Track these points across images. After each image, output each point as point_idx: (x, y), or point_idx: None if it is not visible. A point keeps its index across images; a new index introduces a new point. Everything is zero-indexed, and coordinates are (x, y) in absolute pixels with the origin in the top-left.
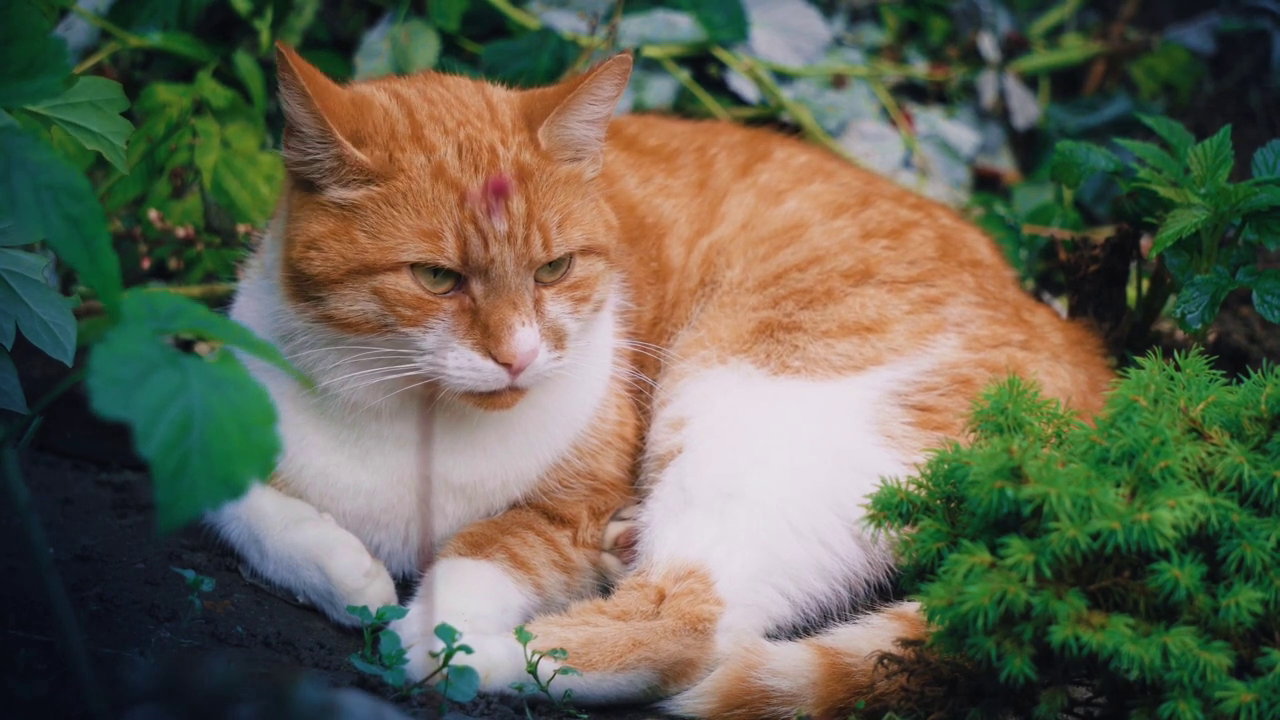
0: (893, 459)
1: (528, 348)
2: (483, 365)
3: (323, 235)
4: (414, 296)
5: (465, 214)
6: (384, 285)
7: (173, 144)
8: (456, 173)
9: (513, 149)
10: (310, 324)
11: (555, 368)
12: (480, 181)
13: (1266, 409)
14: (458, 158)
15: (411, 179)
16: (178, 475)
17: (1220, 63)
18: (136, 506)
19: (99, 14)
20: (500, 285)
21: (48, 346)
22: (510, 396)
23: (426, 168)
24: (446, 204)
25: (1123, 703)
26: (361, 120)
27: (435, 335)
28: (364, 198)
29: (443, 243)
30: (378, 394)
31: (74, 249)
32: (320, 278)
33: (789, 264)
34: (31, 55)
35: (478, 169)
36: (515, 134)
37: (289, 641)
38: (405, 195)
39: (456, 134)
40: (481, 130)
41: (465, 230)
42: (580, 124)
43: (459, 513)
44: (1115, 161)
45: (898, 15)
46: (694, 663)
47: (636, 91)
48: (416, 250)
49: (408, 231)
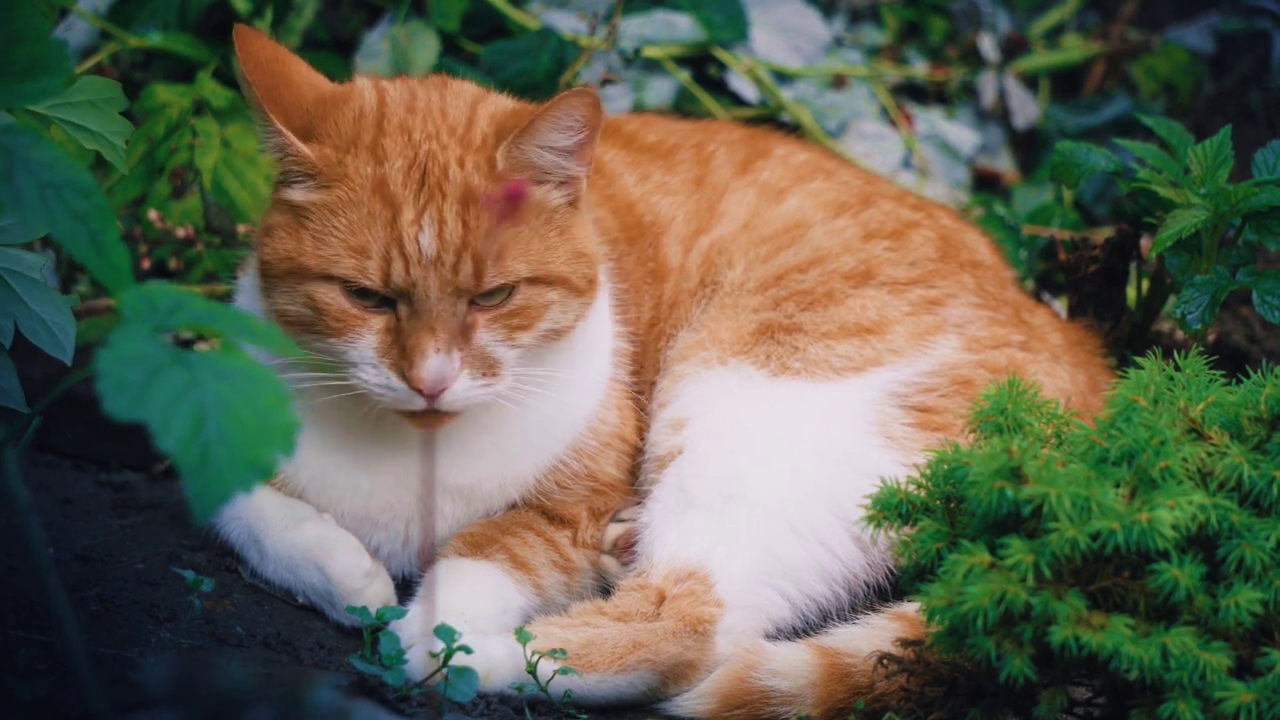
0: (893, 460)
1: (436, 375)
2: (398, 386)
3: (276, 226)
4: (340, 310)
5: (393, 235)
6: (315, 292)
7: (173, 144)
8: (395, 189)
9: (466, 169)
10: (267, 317)
11: (484, 394)
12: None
13: (1266, 409)
14: (404, 173)
15: (353, 189)
16: (202, 465)
17: (1220, 63)
18: (136, 506)
19: (99, 14)
20: (422, 309)
21: (46, 345)
22: (435, 418)
23: (369, 180)
24: (379, 221)
25: (1122, 703)
26: (323, 117)
27: (358, 350)
28: (307, 201)
29: (368, 263)
30: (324, 394)
31: (81, 245)
32: (267, 269)
33: (790, 265)
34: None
35: (422, 188)
36: (479, 153)
37: (289, 642)
38: (345, 205)
39: (417, 148)
40: (445, 146)
41: (390, 252)
42: (541, 150)
43: (457, 514)
44: (1115, 162)
45: (898, 15)
46: (694, 664)
47: (636, 92)
48: (343, 266)
49: (339, 245)
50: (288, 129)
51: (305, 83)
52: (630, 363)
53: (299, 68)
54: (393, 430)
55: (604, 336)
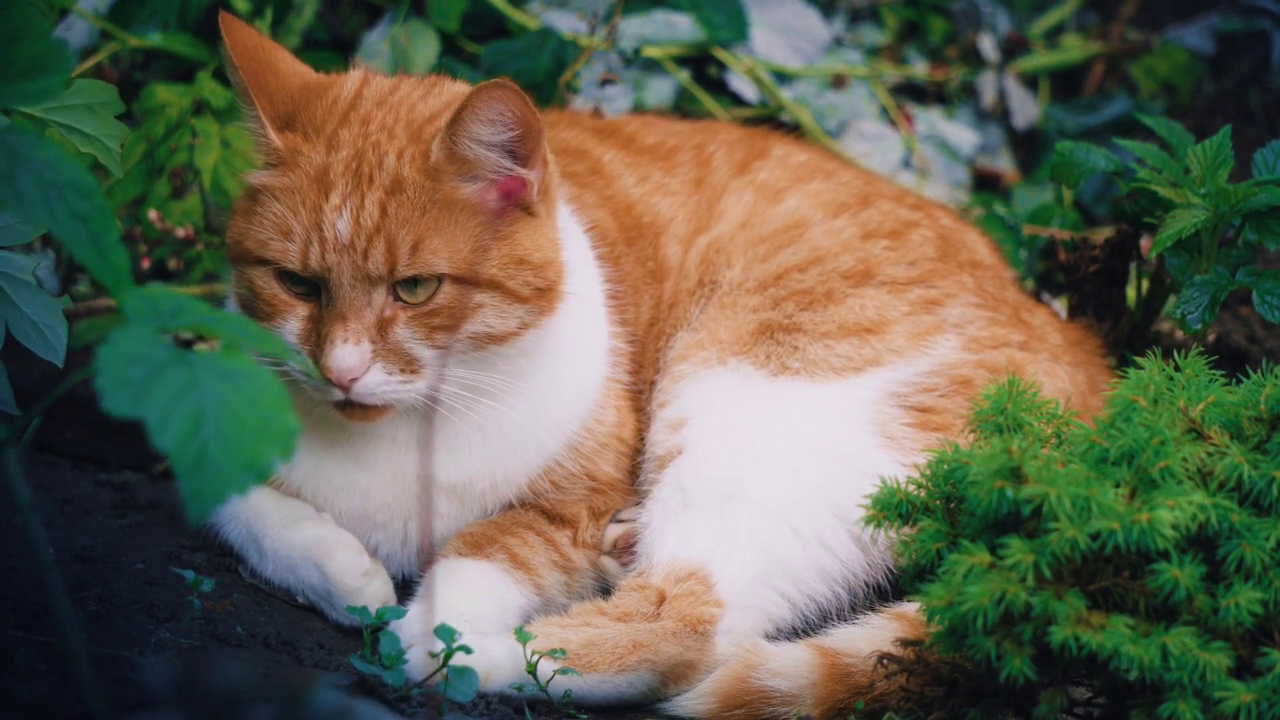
0: (892, 460)
1: (343, 364)
2: (315, 373)
3: (237, 211)
4: (271, 294)
5: (314, 220)
6: (252, 275)
7: (172, 144)
8: (333, 178)
9: (402, 160)
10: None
11: (404, 392)
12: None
13: (1266, 409)
14: (344, 164)
15: (298, 175)
16: (199, 465)
17: (1220, 63)
18: (136, 506)
19: (99, 14)
20: (337, 296)
21: (37, 347)
22: (360, 411)
23: (313, 168)
24: (308, 207)
25: (1122, 703)
26: (304, 105)
27: (283, 336)
28: (262, 185)
29: (290, 246)
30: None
31: (82, 245)
32: (227, 253)
33: (789, 264)
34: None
35: (356, 177)
36: (418, 145)
37: (289, 642)
38: (286, 192)
39: (367, 139)
40: (394, 138)
41: (310, 236)
42: (472, 144)
43: (451, 512)
44: (1115, 162)
45: (897, 15)
46: (694, 664)
47: (636, 92)
48: (273, 249)
49: (273, 228)
50: (268, 116)
51: (290, 71)
52: (629, 363)
53: (284, 56)
54: (388, 427)
55: (592, 337)
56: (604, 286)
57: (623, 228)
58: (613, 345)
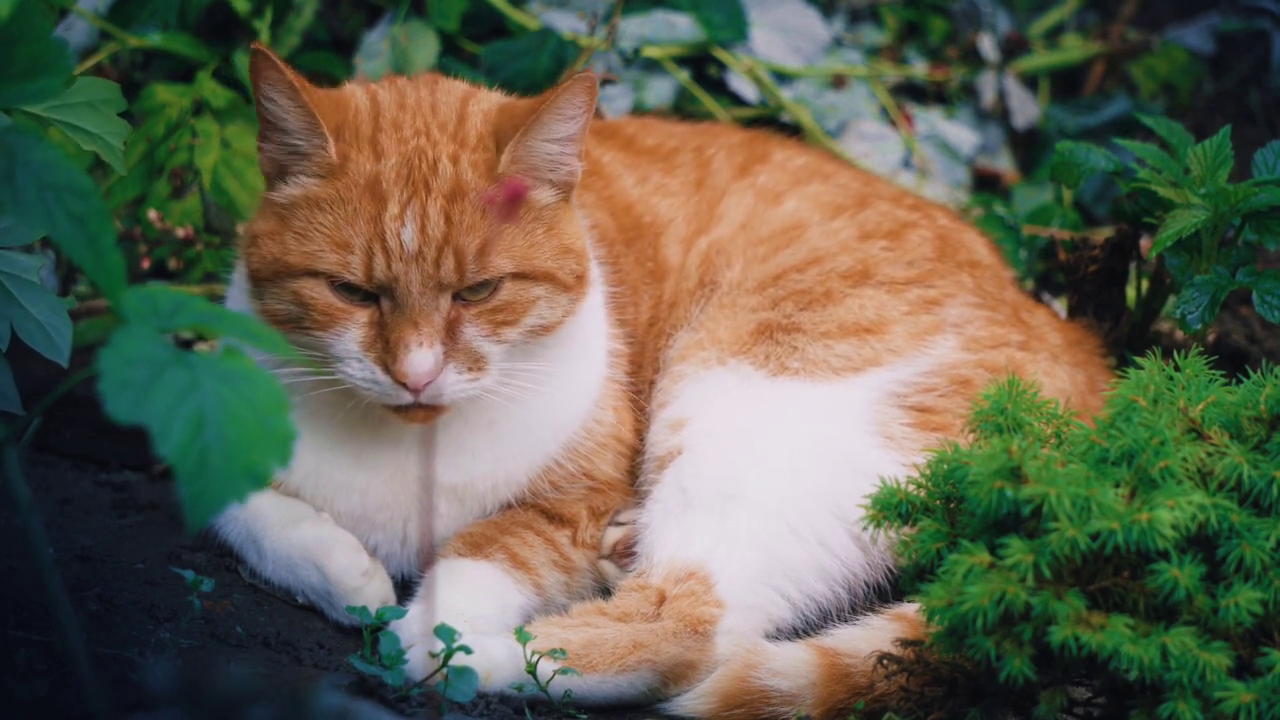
0: (892, 460)
1: (421, 369)
2: (382, 380)
3: (264, 233)
4: (326, 304)
5: (376, 230)
6: (301, 289)
7: (172, 144)
8: (386, 186)
9: (460, 166)
10: (263, 319)
11: (471, 389)
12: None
13: (1266, 409)
14: (395, 171)
15: (349, 185)
16: (199, 471)
17: (1220, 63)
18: (136, 506)
19: (99, 14)
20: (404, 304)
21: (42, 347)
22: (424, 413)
23: (363, 176)
24: (364, 217)
25: (1122, 703)
26: (340, 116)
27: (344, 344)
28: (299, 196)
29: (351, 258)
30: (316, 389)
31: (79, 248)
32: (256, 273)
33: (788, 265)
34: (34, 56)
35: (411, 184)
36: (474, 150)
37: (288, 642)
38: (335, 201)
39: (408, 144)
40: (436, 142)
41: (372, 247)
42: (544, 145)
43: (451, 513)
44: (1115, 162)
45: (897, 15)
46: (694, 665)
47: (636, 92)
48: (328, 261)
49: (325, 240)
50: (329, 127)
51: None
52: (628, 363)
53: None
54: (388, 428)
55: (598, 336)
56: (603, 287)
57: (622, 228)
58: (611, 346)
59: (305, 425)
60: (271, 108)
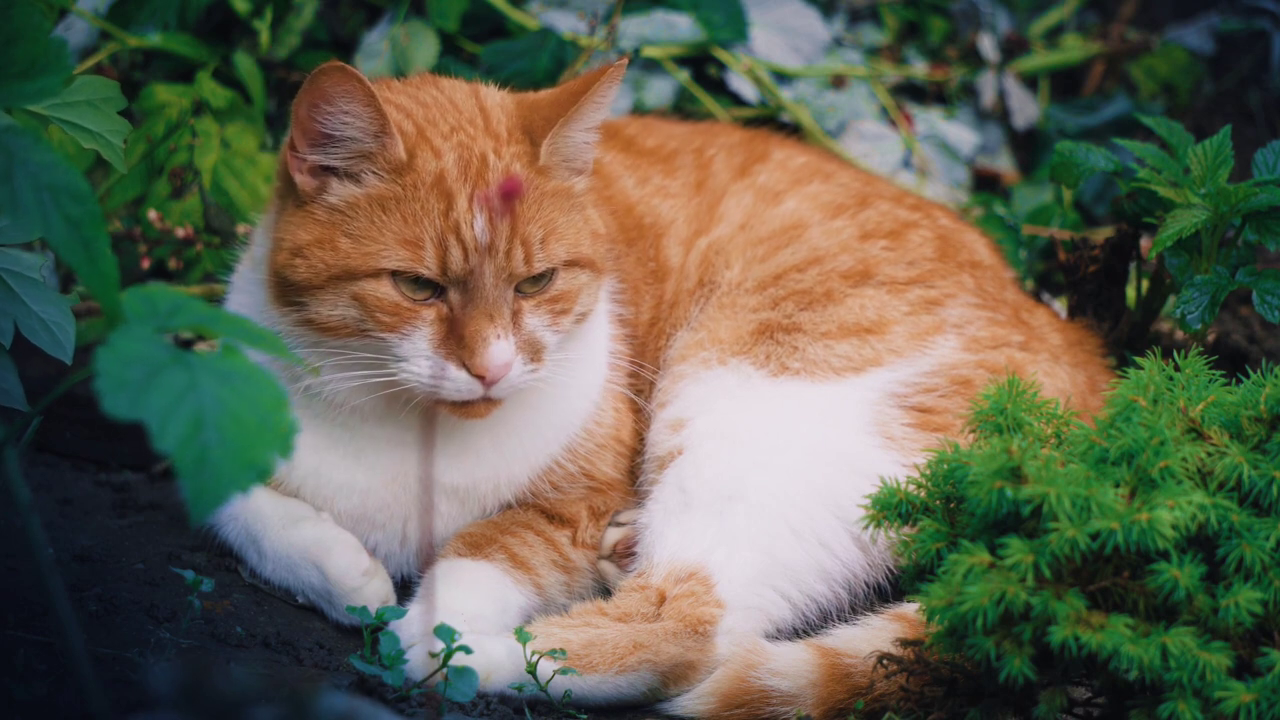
0: (892, 460)
1: (501, 361)
2: (456, 375)
3: (309, 243)
4: (392, 303)
5: (448, 224)
6: (364, 291)
7: (172, 144)
8: (451, 182)
9: (505, 159)
10: (293, 327)
11: (530, 380)
12: (470, 194)
13: (1266, 409)
14: (455, 166)
15: (416, 182)
16: (200, 466)
17: (1220, 63)
18: (136, 506)
19: (98, 14)
20: (478, 297)
21: (46, 345)
22: (484, 406)
23: (429, 173)
24: (432, 212)
25: (1122, 703)
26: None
27: (411, 343)
28: (363, 196)
29: (423, 252)
30: (361, 395)
31: (73, 250)
32: (303, 284)
33: (788, 265)
34: (33, 56)
35: (469, 179)
36: (510, 144)
37: (288, 642)
38: (399, 200)
39: (452, 139)
40: (474, 138)
41: (446, 240)
42: (583, 133)
43: (451, 513)
44: (1115, 162)
45: (897, 15)
46: (695, 665)
47: (636, 92)
48: (397, 258)
49: (391, 238)
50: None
51: None
52: (628, 362)
53: None
54: (389, 428)
55: (600, 335)
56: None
57: (623, 228)
58: (612, 346)
59: (306, 426)
60: (333, 119)
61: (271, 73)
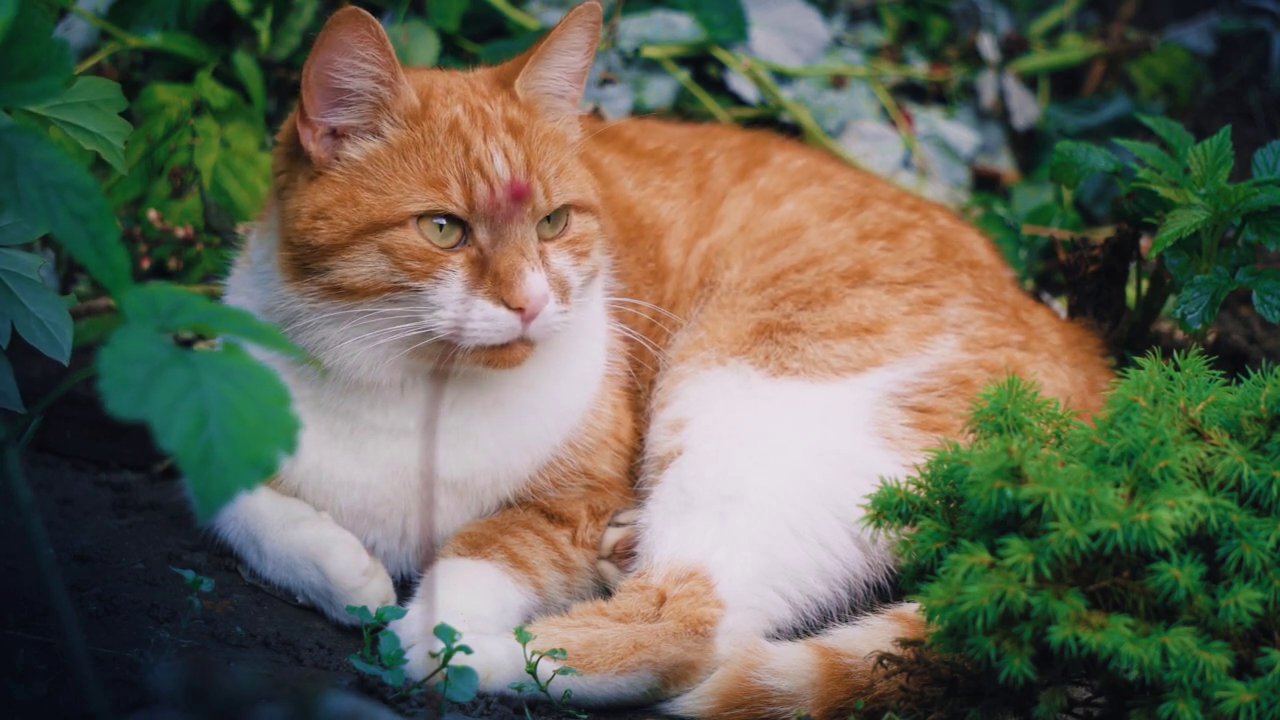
0: (892, 460)
1: (539, 291)
2: (495, 314)
3: (329, 204)
4: (422, 249)
5: (470, 161)
6: (392, 241)
7: (172, 144)
8: (465, 127)
9: (499, 107)
10: (315, 301)
11: (562, 321)
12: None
13: (1266, 409)
14: (465, 115)
15: (433, 126)
16: (205, 463)
17: (1220, 63)
18: (136, 506)
19: (98, 14)
20: (506, 232)
21: (44, 346)
22: (520, 349)
23: (445, 120)
24: (454, 153)
25: (1122, 703)
26: None
27: (446, 287)
28: (382, 148)
29: (449, 190)
30: (380, 363)
31: (82, 245)
32: (327, 246)
33: (787, 265)
34: (34, 57)
35: (478, 125)
36: (496, 97)
37: (289, 642)
38: (418, 147)
39: (452, 97)
40: (468, 96)
41: (470, 176)
42: (554, 73)
43: (450, 508)
44: (1115, 162)
45: (897, 15)
46: (695, 665)
47: (636, 91)
48: (423, 199)
49: (415, 182)
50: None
51: None
52: (628, 362)
53: None
54: (389, 422)
55: (599, 327)
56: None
57: (623, 228)
58: (611, 344)
59: (307, 422)
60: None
61: (271, 73)
